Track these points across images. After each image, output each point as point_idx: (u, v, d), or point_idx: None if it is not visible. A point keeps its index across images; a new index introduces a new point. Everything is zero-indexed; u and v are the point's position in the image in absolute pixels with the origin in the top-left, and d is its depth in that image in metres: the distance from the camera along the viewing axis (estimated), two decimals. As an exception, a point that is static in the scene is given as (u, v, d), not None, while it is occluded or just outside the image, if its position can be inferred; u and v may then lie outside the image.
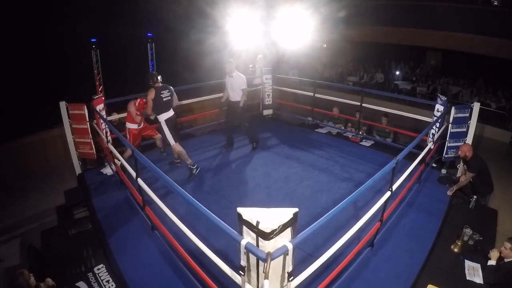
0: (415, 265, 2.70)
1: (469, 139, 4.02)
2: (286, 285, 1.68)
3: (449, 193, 3.75)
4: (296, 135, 5.77)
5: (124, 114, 4.93)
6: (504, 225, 3.84)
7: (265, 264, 1.43)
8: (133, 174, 2.90)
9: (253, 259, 1.61)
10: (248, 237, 1.62)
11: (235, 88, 4.69)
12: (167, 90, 3.96)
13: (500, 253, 2.63)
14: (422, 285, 2.50)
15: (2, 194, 5.13)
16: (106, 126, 4.09)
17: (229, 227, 1.71)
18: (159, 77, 3.97)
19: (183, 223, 2.37)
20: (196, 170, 4.14)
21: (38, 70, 7.17)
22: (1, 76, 6.63)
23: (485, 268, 2.65)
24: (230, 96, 4.80)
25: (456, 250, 2.88)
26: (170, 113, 4.04)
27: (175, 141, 4.05)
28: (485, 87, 9.36)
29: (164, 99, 3.92)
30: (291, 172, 4.36)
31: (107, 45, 8.62)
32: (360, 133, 5.60)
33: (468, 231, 2.96)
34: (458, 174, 4.11)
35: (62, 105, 3.91)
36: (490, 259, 2.67)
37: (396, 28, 10.20)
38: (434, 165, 4.53)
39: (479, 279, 2.59)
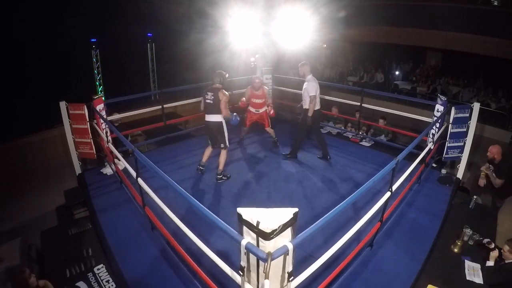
0: (415, 265, 2.70)
1: (469, 139, 4.02)
2: (286, 285, 1.68)
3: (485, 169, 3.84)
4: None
5: (124, 114, 4.95)
6: (504, 225, 3.84)
7: (265, 264, 1.43)
8: (133, 174, 2.90)
9: (253, 259, 1.61)
10: (248, 237, 1.62)
11: (304, 94, 4.40)
12: (212, 94, 3.85)
13: (500, 253, 2.63)
14: (422, 285, 2.50)
15: (2, 194, 5.13)
16: (106, 126, 4.09)
17: (229, 227, 1.71)
18: (215, 79, 3.89)
19: (183, 223, 2.37)
20: (200, 171, 4.24)
21: (38, 70, 7.18)
22: (1, 76, 6.63)
23: (483, 269, 2.65)
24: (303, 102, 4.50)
25: (456, 250, 2.88)
26: (207, 117, 3.95)
27: (209, 144, 4.18)
28: (485, 87, 9.36)
29: (206, 101, 3.89)
30: (291, 172, 4.36)
31: (107, 45, 8.64)
32: (360, 133, 5.60)
33: (468, 231, 2.97)
34: (458, 174, 4.11)
35: (62, 105, 3.91)
36: (488, 259, 2.67)
37: (396, 28, 10.20)
38: (434, 165, 4.53)
39: (479, 279, 2.58)
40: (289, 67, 10.45)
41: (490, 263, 2.63)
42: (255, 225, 1.54)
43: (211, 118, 3.92)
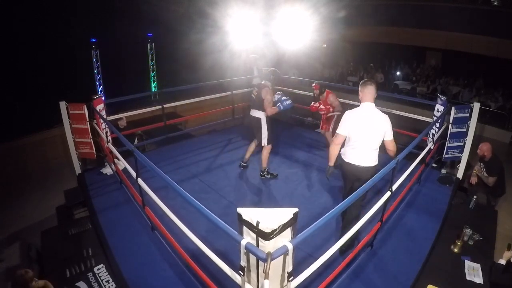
0: (415, 265, 2.70)
1: (469, 139, 4.02)
2: (286, 285, 1.68)
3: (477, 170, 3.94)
4: (296, 135, 5.76)
5: (124, 114, 4.95)
6: (504, 225, 3.84)
7: (265, 264, 1.43)
8: (133, 174, 2.90)
9: (253, 259, 1.61)
10: (248, 237, 1.62)
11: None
12: (256, 90, 3.94)
13: None
14: (422, 285, 2.50)
15: (2, 194, 5.13)
16: (106, 126, 4.09)
17: (229, 227, 1.70)
18: (265, 76, 4.03)
19: (183, 223, 2.37)
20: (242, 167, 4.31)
21: (38, 70, 7.19)
22: (1, 76, 6.63)
23: (492, 266, 2.63)
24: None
25: (456, 250, 2.88)
26: (251, 112, 4.02)
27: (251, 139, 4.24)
28: (485, 87, 9.36)
29: (252, 96, 4.01)
30: (291, 172, 4.36)
31: (107, 45, 8.65)
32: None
33: (468, 231, 2.96)
34: (458, 174, 4.11)
35: (62, 105, 3.91)
36: (501, 258, 2.65)
37: (397, 28, 10.22)
38: (434, 165, 4.53)
39: (479, 279, 2.58)
40: (289, 67, 10.47)
41: (502, 261, 2.62)
42: (255, 225, 1.54)
43: (253, 113, 4.01)
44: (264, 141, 3.98)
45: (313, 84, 4.73)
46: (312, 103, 4.82)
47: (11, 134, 6.11)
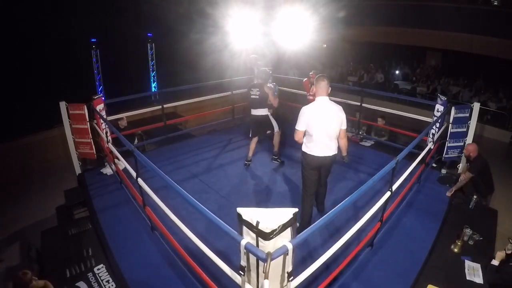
0: (415, 265, 2.70)
1: (469, 139, 4.02)
2: (286, 285, 1.68)
3: (449, 194, 3.74)
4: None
5: (124, 114, 4.94)
6: (504, 225, 3.83)
7: (265, 264, 1.43)
8: (133, 174, 2.90)
9: (253, 259, 1.61)
10: (248, 237, 1.62)
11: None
12: (257, 89, 4.10)
13: (506, 255, 2.61)
14: (422, 285, 2.50)
15: (2, 194, 5.13)
16: (106, 126, 4.09)
17: (229, 227, 1.71)
18: (259, 75, 4.21)
19: (183, 223, 2.37)
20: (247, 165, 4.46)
21: (38, 70, 7.19)
22: (1, 76, 6.63)
23: (487, 266, 2.64)
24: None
25: (456, 250, 2.88)
26: (254, 111, 4.22)
27: (252, 136, 4.38)
28: (485, 87, 9.36)
29: (251, 97, 4.15)
30: (291, 172, 4.36)
31: (107, 45, 8.65)
32: (360, 133, 5.60)
33: (468, 231, 2.96)
34: (459, 173, 4.11)
35: (62, 105, 3.91)
36: (494, 258, 2.66)
37: (396, 28, 10.22)
38: (434, 165, 4.52)
39: (479, 279, 2.58)
40: (289, 67, 10.46)
41: (495, 262, 2.63)
42: (254, 225, 1.55)
43: (258, 112, 4.21)
44: (276, 128, 4.41)
45: (311, 73, 4.85)
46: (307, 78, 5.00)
47: (11, 134, 6.11)
